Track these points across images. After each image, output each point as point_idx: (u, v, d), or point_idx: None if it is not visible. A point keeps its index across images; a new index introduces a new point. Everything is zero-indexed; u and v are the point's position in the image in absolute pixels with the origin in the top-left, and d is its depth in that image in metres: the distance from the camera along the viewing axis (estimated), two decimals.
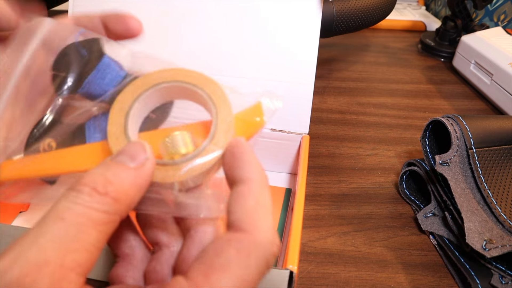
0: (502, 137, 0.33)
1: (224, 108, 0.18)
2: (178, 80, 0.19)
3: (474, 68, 0.57)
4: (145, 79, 0.19)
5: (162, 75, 0.19)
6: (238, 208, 0.15)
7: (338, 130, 0.47)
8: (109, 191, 0.14)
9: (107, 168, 0.15)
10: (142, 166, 0.15)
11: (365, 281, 0.29)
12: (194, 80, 0.19)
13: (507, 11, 0.67)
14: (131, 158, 0.15)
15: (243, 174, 0.16)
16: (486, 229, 0.28)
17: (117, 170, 0.15)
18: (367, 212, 0.36)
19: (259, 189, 0.16)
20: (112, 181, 0.14)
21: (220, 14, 0.36)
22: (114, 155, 0.16)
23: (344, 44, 0.72)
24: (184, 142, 0.18)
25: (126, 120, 0.18)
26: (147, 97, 0.19)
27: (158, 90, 0.19)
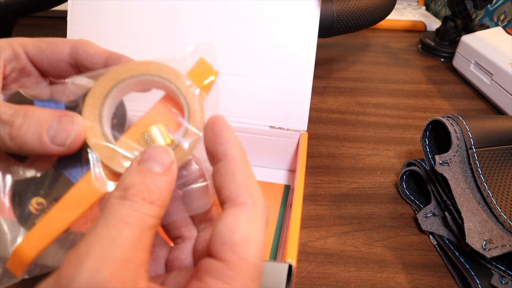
0: (502, 137, 0.33)
1: (182, 83, 0.19)
2: (134, 75, 0.19)
3: (474, 68, 0.57)
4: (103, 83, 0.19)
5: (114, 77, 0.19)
6: (231, 183, 0.17)
7: (338, 130, 0.47)
8: (154, 200, 0.16)
9: (144, 176, 0.16)
10: (169, 170, 0.17)
11: (365, 281, 0.29)
12: (146, 70, 0.19)
13: (507, 11, 0.67)
14: (160, 164, 0.16)
15: (226, 150, 0.17)
16: (486, 229, 0.28)
17: (153, 178, 0.16)
18: (367, 212, 0.36)
19: (244, 163, 0.18)
20: (154, 190, 0.16)
21: (219, 13, 0.36)
22: (141, 161, 0.16)
23: (344, 44, 0.72)
24: (162, 134, 0.19)
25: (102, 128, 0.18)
26: (111, 101, 0.19)
27: (118, 91, 0.19)
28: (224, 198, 0.17)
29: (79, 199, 0.18)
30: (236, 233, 0.16)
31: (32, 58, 0.23)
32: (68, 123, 0.18)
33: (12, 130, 0.17)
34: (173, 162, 0.17)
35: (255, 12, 0.36)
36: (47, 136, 0.18)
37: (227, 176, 0.17)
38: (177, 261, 0.20)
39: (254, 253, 0.15)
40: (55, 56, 0.22)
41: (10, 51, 0.22)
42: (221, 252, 0.15)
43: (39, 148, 0.18)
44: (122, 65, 0.19)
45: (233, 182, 0.17)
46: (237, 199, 0.17)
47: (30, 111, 0.18)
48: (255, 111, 0.37)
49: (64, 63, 0.23)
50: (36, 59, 0.23)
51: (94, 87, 0.19)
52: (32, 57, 0.23)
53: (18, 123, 0.17)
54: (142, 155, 0.17)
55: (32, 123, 0.18)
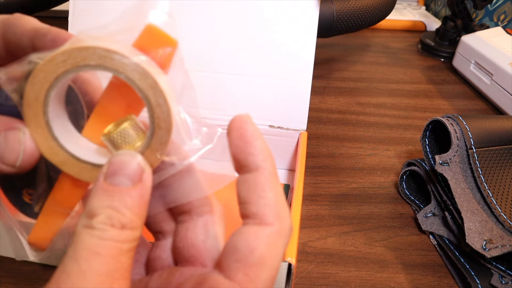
0: (502, 137, 0.33)
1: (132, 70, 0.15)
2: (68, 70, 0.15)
3: (474, 68, 0.57)
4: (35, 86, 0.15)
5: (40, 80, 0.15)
6: (259, 200, 0.16)
7: (338, 130, 0.47)
8: (125, 223, 0.14)
9: (110, 198, 0.14)
10: (140, 181, 0.15)
11: (365, 281, 0.29)
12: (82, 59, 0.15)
13: (507, 11, 0.67)
14: (128, 177, 0.15)
15: (258, 162, 0.16)
16: (486, 229, 0.28)
17: (121, 198, 0.14)
18: (367, 212, 0.36)
19: (274, 178, 0.16)
20: (123, 212, 0.14)
21: (219, 13, 0.36)
22: (107, 176, 0.15)
23: (344, 44, 0.72)
24: (137, 132, 0.16)
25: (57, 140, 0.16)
26: (54, 102, 0.16)
27: (56, 92, 0.16)
28: (249, 213, 0.16)
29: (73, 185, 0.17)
30: (253, 254, 0.15)
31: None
32: (14, 142, 0.16)
33: None
34: (143, 171, 0.15)
35: (254, 12, 0.36)
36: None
37: (256, 191, 0.16)
38: (159, 261, 0.19)
39: (266, 278, 0.15)
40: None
41: None
42: (232, 269, 0.15)
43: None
44: (49, 59, 0.15)
45: (262, 199, 0.16)
46: (263, 218, 0.15)
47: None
48: (254, 111, 0.37)
49: (1, 49, 0.19)
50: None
51: (26, 94, 0.15)
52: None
53: None
54: (108, 167, 0.15)
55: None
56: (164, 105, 0.15)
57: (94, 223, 0.14)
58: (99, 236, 0.14)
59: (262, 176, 0.16)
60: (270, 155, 0.16)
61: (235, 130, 0.16)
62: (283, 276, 0.23)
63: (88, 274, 0.13)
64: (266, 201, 0.15)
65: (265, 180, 0.16)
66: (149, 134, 0.16)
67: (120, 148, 0.16)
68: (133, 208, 0.14)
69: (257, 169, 0.16)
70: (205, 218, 0.18)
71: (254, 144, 0.16)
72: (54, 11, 0.68)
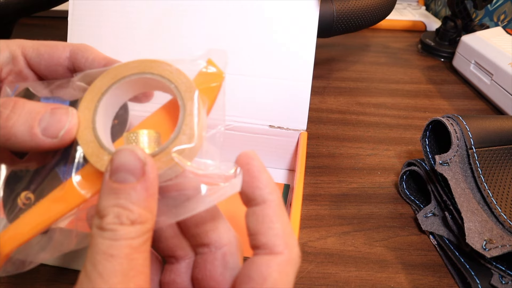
0: (502, 137, 0.33)
1: (182, 83, 0.18)
2: (135, 73, 0.18)
3: (474, 68, 0.57)
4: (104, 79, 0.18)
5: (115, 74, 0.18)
6: (268, 231, 0.17)
7: (338, 130, 0.47)
8: (134, 219, 0.15)
9: (116, 196, 0.15)
10: (143, 174, 0.15)
11: (365, 281, 0.29)
12: (148, 68, 0.18)
13: (507, 11, 0.67)
14: (131, 171, 0.15)
15: (264, 195, 0.17)
16: (486, 229, 0.28)
17: (127, 195, 0.15)
18: (367, 212, 0.36)
19: (281, 210, 0.17)
20: (131, 208, 0.15)
21: (219, 13, 0.36)
22: (111, 173, 0.15)
23: (344, 44, 0.72)
24: (149, 140, 0.17)
25: (94, 123, 0.18)
26: (110, 97, 0.18)
27: (117, 88, 0.18)
28: (259, 244, 0.17)
29: (62, 200, 0.17)
30: (267, 282, 0.15)
31: (30, 61, 0.22)
32: (62, 114, 0.17)
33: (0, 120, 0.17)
34: (145, 164, 0.15)
35: (255, 12, 0.36)
36: (39, 127, 0.17)
37: (265, 222, 0.17)
38: (174, 285, 0.20)
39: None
40: (53, 60, 0.22)
41: (8, 53, 0.22)
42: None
43: (29, 140, 0.17)
44: (125, 63, 0.18)
45: (271, 230, 0.17)
46: (273, 248, 0.16)
47: (20, 103, 0.17)
48: (254, 111, 0.37)
49: (62, 67, 0.22)
50: (33, 63, 0.22)
51: (94, 82, 0.18)
52: (30, 60, 0.22)
53: (6, 113, 0.17)
54: (111, 164, 0.15)
55: (22, 114, 0.17)
56: (196, 116, 0.17)
57: (104, 224, 0.14)
58: (110, 237, 0.14)
59: (270, 208, 0.17)
60: (275, 187, 0.17)
61: (242, 166, 0.17)
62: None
63: (105, 276, 0.14)
64: (275, 232, 0.17)
65: (272, 212, 0.17)
66: (172, 137, 0.17)
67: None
68: (140, 202, 0.15)
69: (265, 202, 0.17)
70: (224, 250, 0.19)
71: (261, 178, 0.17)
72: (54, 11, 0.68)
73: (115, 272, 0.14)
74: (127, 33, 0.37)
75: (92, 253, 0.14)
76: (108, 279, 0.14)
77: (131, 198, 0.15)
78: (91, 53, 0.22)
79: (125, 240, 0.14)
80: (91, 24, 0.37)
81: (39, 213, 0.18)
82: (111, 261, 0.14)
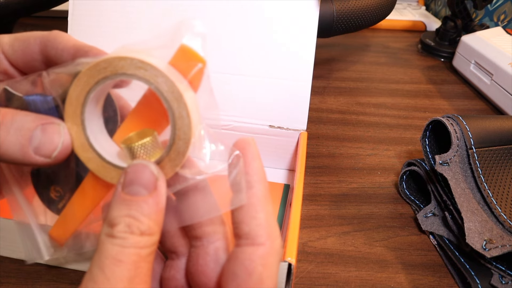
0: (502, 137, 0.33)
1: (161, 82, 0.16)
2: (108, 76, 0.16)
3: (474, 68, 0.57)
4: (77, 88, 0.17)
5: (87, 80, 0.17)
6: (251, 220, 0.17)
7: (338, 130, 0.47)
8: (143, 230, 0.15)
9: (128, 207, 0.15)
10: (155, 189, 0.16)
11: (365, 281, 0.29)
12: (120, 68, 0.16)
13: (507, 11, 0.67)
14: (143, 186, 0.16)
15: (252, 182, 0.17)
16: (486, 229, 0.28)
17: (138, 207, 0.15)
18: (367, 212, 0.36)
19: (266, 199, 0.17)
20: (142, 220, 0.15)
21: (219, 13, 0.36)
22: (124, 186, 0.16)
23: (344, 44, 0.72)
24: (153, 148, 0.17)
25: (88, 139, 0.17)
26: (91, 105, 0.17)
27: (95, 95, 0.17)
28: (242, 233, 0.17)
29: (92, 190, 0.18)
30: (252, 277, 0.16)
31: (9, 59, 0.21)
32: (54, 133, 0.17)
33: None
34: (157, 179, 0.16)
35: (254, 12, 0.36)
36: (31, 146, 0.16)
37: (249, 212, 0.17)
38: (173, 281, 0.20)
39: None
40: (27, 56, 0.20)
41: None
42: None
43: (22, 159, 0.16)
44: (93, 64, 0.16)
45: (254, 220, 0.16)
46: (255, 238, 0.16)
47: (8, 117, 0.16)
48: (254, 111, 0.37)
49: (38, 62, 0.20)
50: (12, 60, 0.21)
51: (69, 93, 0.17)
52: (9, 58, 0.21)
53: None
54: (124, 177, 0.16)
55: (12, 132, 0.16)
56: (186, 118, 0.16)
57: (115, 232, 0.15)
58: (120, 244, 0.15)
59: (255, 197, 0.17)
60: (264, 177, 0.17)
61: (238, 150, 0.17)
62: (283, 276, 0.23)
63: (112, 280, 0.14)
64: (258, 222, 0.16)
65: (257, 200, 0.17)
66: (168, 144, 0.17)
67: (136, 158, 0.17)
68: (150, 215, 0.15)
69: (251, 189, 0.17)
70: (216, 245, 0.19)
71: (252, 165, 0.17)
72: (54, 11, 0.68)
73: (122, 277, 0.14)
74: (127, 33, 0.37)
75: (100, 257, 0.15)
76: (115, 283, 0.14)
77: (142, 210, 0.15)
78: (59, 43, 0.20)
79: (134, 248, 0.15)
80: (91, 24, 0.37)
81: (77, 204, 0.18)
82: (120, 266, 0.14)
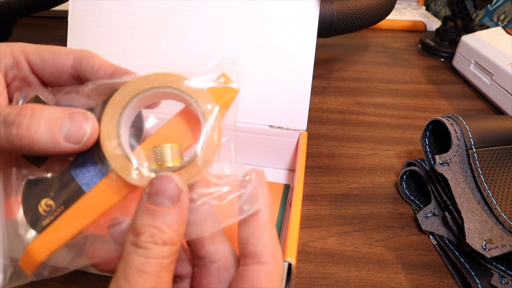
0: (502, 137, 0.33)
1: (201, 98, 0.19)
2: (155, 87, 0.19)
3: (474, 68, 0.57)
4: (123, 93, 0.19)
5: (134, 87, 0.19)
6: (257, 241, 0.18)
7: (338, 130, 0.47)
8: (166, 240, 0.16)
9: (153, 217, 0.16)
10: (179, 201, 0.17)
11: (365, 281, 0.29)
12: (167, 82, 0.19)
13: (507, 11, 0.67)
14: (168, 197, 0.17)
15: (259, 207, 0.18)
16: (486, 229, 0.28)
17: (162, 217, 0.16)
18: (367, 212, 0.36)
19: (271, 222, 0.18)
20: (164, 230, 0.16)
21: (219, 13, 0.36)
22: (149, 196, 0.17)
23: (344, 44, 0.72)
24: (172, 154, 0.18)
25: (119, 138, 0.19)
26: (130, 110, 0.19)
27: (137, 102, 0.19)
28: (248, 253, 0.18)
29: (92, 206, 0.18)
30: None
31: (33, 67, 0.22)
32: (82, 120, 0.18)
33: (21, 130, 0.17)
34: (181, 192, 0.17)
35: (255, 12, 0.36)
36: (61, 134, 0.17)
37: (255, 233, 0.18)
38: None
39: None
40: (57, 67, 0.22)
41: (11, 58, 0.21)
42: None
43: (53, 147, 0.17)
44: (143, 76, 0.19)
45: (260, 241, 0.18)
46: (261, 257, 0.18)
47: (37, 110, 0.18)
48: (254, 111, 0.37)
49: (66, 74, 0.22)
50: (37, 69, 0.22)
51: (114, 96, 0.19)
52: (33, 66, 0.22)
53: (26, 122, 0.17)
54: (150, 187, 0.17)
55: (42, 122, 0.17)
56: (218, 129, 0.19)
57: (139, 241, 0.16)
58: (144, 255, 0.16)
59: (260, 220, 0.18)
60: (269, 201, 0.19)
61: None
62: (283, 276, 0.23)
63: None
64: (263, 243, 0.18)
65: (262, 223, 0.18)
66: (196, 150, 0.18)
67: (154, 162, 0.18)
68: (173, 225, 0.16)
69: (257, 213, 0.18)
70: (218, 264, 0.19)
71: (262, 191, 0.19)
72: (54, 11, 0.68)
73: (145, 287, 0.15)
74: (127, 33, 0.37)
75: (125, 267, 0.16)
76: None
77: (166, 221, 0.16)
78: (96, 61, 0.22)
79: (157, 259, 0.16)
80: (91, 24, 0.37)
81: (69, 220, 0.19)
82: (143, 276, 0.15)
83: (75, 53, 0.22)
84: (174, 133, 0.20)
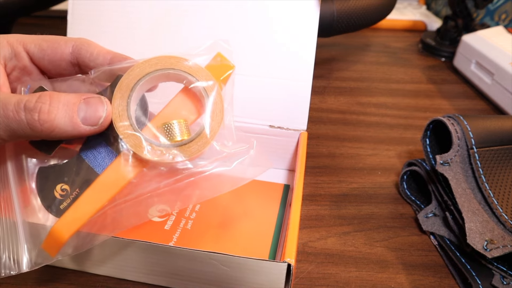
0: (503, 137, 0.33)
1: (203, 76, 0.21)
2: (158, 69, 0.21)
3: (475, 67, 0.57)
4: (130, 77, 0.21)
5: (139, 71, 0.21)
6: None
7: (338, 130, 0.47)
8: None
9: None
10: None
11: (366, 281, 0.29)
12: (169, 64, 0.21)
13: (508, 10, 0.67)
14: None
15: None
16: (487, 230, 0.28)
17: None
18: (367, 212, 0.36)
19: None
20: None
21: (219, 13, 0.36)
22: None
23: (344, 44, 0.72)
24: (180, 129, 0.20)
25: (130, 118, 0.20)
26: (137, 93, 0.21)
27: (143, 84, 0.21)
28: None
29: (108, 185, 0.20)
30: None
31: (33, 57, 0.23)
32: (97, 104, 0.19)
33: (42, 115, 0.18)
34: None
35: (255, 12, 0.35)
36: (79, 117, 0.19)
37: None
38: None
39: None
40: (56, 55, 0.23)
41: (9, 48, 0.22)
42: None
43: (72, 130, 0.19)
44: (146, 60, 0.21)
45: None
46: None
47: (55, 96, 0.19)
48: (254, 111, 0.36)
49: (66, 62, 0.23)
50: (37, 58, 0.23)
51: (122, 80, 0.20)
52: (33, 56, 0.23)
53: (46, 108, 0.18)
54: None
55: (61, 107, 0.19)
56: (219, 103, 0.21)
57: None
58: None
59: None
60: None
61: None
62: (282, 277, 0.23)
63: None
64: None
65: None
66: (204, 123, 0.21)
67: (164, 137, 0.21)
68: None
69: None
70: None
71: None
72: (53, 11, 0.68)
73: None
74: (127, 33, 0.37)
75: None
76: None
77: None
78: (94, 48, 0.23)
79: None
80: (91, 24, 0.37)
81: (88, 200, 0.20)
82: None
83: (73, 41, 0.23)
84: (179, 110, 0.22)
